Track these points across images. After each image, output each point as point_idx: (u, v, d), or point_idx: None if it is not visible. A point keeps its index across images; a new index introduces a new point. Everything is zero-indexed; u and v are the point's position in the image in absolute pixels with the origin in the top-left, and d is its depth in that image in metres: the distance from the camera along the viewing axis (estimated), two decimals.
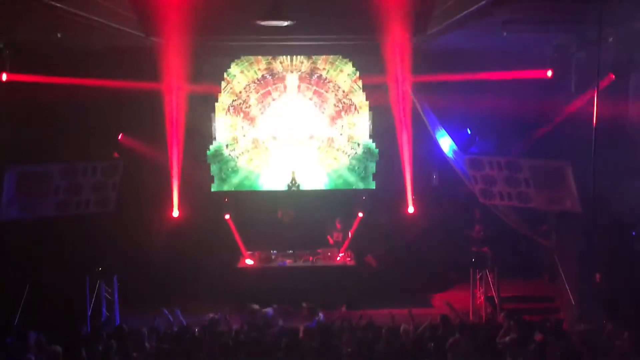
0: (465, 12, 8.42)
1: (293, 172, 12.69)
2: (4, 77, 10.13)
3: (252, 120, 12.74)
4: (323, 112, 12.76)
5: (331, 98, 12.72)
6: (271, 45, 11.71)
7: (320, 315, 9.19)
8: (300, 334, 8.24)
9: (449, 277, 12.14)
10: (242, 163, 12.83)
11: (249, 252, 11.70)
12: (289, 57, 12.58)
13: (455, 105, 11.21)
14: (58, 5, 7.76)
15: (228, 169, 12.82)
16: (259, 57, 12.56)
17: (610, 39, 9.28)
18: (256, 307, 9.19)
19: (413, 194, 11.96)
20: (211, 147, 12.75)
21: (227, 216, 11.74)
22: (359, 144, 12.87)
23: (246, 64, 12.58)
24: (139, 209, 11.57)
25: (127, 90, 11.02)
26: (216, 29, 10.25)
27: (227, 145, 12.77)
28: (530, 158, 10.01)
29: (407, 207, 11.92)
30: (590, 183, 8.22)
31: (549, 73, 10.76)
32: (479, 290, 10.79)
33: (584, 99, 9.72)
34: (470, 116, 11.33)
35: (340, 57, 12.60)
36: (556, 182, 9.52)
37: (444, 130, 11.15)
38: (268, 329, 8.47)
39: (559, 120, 10.67)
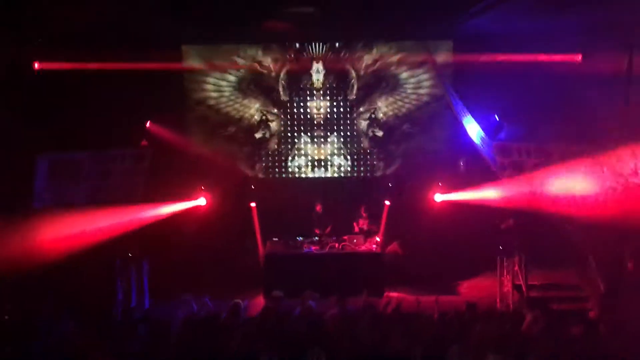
0: None
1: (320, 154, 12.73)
2: (36, 66, 10.36)
3: (282, 105, 12.80)
4: (347, 97, 12.76)
5: (354, 83, 12.68)
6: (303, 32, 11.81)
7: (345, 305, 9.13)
8: (325, 322, 8.26)
9: (476, 265, 12.04)
10: (271, 146, 12.92)
11: (274, 239, 11.77)
12: (314, 45, 12.57)
13: (483, 91, 11.06)
14: None
15: (260, 152, 12.93)
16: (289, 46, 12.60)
17: None
18: (280, 294, 9.23)
19: (440, 180, 11.89)
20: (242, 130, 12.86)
21: (252, 204, 11.82)
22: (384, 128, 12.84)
23: (278, 51, 12.60)
24: (168, 194, 11.72)
25: (155, 79, 11.17)
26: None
27: (257, 130, 12.85)
28: (559, 143, 9.82)
29: (434, 193, 11.85)
30: None
31: (579, 57, 10.52)
32: (506, 277, 10.68)
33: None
34: (499, 101, 11.18)
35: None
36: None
37: (471, 116, 11.02)
38: (294, 316, 8.50)
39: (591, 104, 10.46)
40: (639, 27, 9.03)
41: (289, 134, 12.98)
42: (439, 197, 11.84)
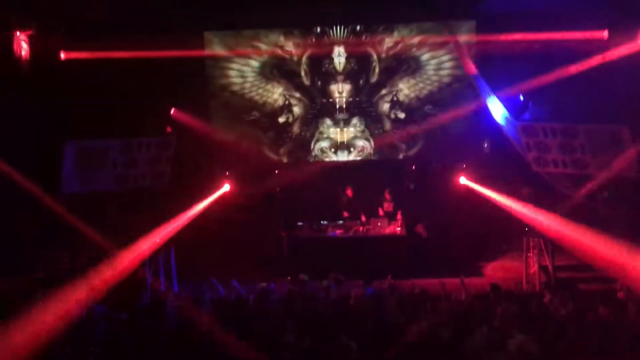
0: None
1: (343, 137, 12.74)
2: (62, 56, 10.52)
3: (304, 90, 12.82)
4: (369, 80, 12.72)
5: (375, 65, 12.64)
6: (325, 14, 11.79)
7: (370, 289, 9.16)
8: (351, 304, 8.33)
9: (501, 246, 11.98)
10: (295, 130, 12.98)
11: (299, 223, 11.85)
12: (335, 28, 12.53)
13: (507, 71, 10.93)
14: None
15: (283, 137, 12.99)
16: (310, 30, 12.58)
17: None
18: (306, 277, 9.30)
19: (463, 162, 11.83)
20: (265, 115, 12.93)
21: (276, 189, 11.91)
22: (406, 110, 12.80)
23: (299, 36, 12.59)
24: (193, 181, 11.86)
25: (178, 66, 11.27)
26: None
27: (281, 114, 12.92)
28: (586, 123, 9.68)
29: (458, 176, 11.79)
30: None
31: (605, 34, 10.31)
32: (532, 258, 10.61)
33: None
34: (523, 81, 11.04)
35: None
36: (614, 147, 9.20)
37: (495, 97, 10.91)
38: (320, 298, 8.59)
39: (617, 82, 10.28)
40: None
41: (312, 118, 13.01)
42: (463, 180, 11.76)
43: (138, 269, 10.14)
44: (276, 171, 12.58)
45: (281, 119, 13.02)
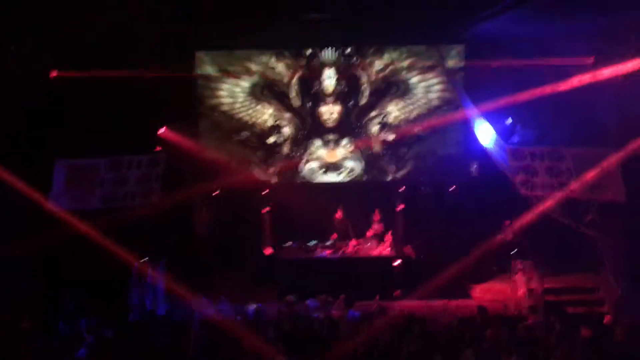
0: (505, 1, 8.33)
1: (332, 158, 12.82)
2: (53, 73, 10.51)
3: (294, 111, 12.90)
4: (359, 102, 12.83)
5: (365, 88, 12.76)
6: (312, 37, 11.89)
7: (351, 311, 9.13)
8: (340, 325, 8.31)
9: (490, 269, 12.01)
10: (285, 150, 13.03)
11: (288, 243, 11.84)
12: (326, 51, 12.63)
13: (495, 95, 11.06)
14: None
15: (273, 157, 13.03)
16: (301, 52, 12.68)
17: None
18: (293, 298, 9.27)
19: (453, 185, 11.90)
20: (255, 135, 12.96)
21: (265, 209, 11.89)
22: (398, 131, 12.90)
23: (290, 58, 12.71)
24: (181, 199, 11.82)
25: (169, 85, 11.30)
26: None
27: (270, 134, 12.96)
28: (572, 147, 9.80)
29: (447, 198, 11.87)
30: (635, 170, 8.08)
31: (591, 60, 10.49)
32: (521, 281, 10.64)
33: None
34: (511, 105, 11.17)
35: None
36: (600, 171, 9.31)
37: (483, 120, 11.02)
38: (309, 320, 8.55)
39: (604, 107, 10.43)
40: None
41: (302, 139, 13.02)
42: (450, 201, 11.83)
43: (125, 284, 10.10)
44: (266, 191, 12.56)
45: (271, 139, 12.99)
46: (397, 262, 11.32)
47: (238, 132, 12.90)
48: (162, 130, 11.75)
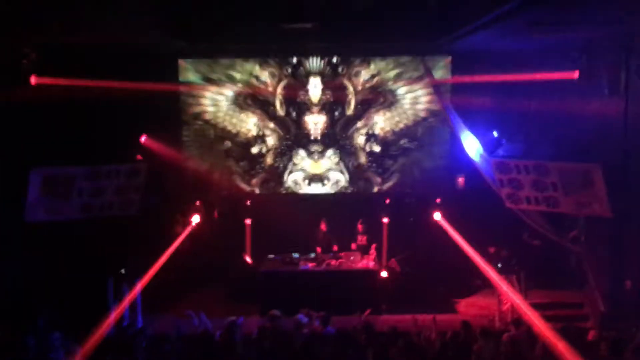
0: (492, 14, 8.29)
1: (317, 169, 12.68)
2: (33, 80, 10.27)
3: (278, 120, 12.73)
4: (345, 113, 12.71)
5: (352, 98, 12.64)
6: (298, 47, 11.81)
7: (329, 328, 8.92)
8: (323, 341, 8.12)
9: (475, 283, 11.93)
10: (268, 161, 12.85)
11: (270, 256, 11.66)
12: (312, 60, 12.53)
13: (481, 107, 11.04)
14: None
15: (256, 167, 12.84)
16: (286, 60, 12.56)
17: None
18: (278, 313, 9.07)
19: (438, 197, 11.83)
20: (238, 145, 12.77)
21: (247, 221, 11.74)
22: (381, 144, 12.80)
23: (275, 66, 12.55)
24: (162, 211, 11.63)
25: (150, 93, 11.11)
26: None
27: (254, 144, 12.78)
28: (558, 161, 9.77)
29: (432, 211, 11.76)
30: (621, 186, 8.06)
31: (576, 75, 10.51)
32: (505, 295, 10.56)
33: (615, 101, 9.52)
34: (497, 118, 11.16)
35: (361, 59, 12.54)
36: (585, 186, 9.28)
37: (469, 133, 10.97)
38: (293, 335, 8.36)
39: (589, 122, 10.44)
40: (635, 45, 9.05)
41: (286, 149, 12.90)
42: (437, 215, 11.74)
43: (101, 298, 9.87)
44: (248, 202, 12.39)
45: (254, 149, 12.87)
46: (384, 274, 11.20)
47: (221, 142, 12.77)
48: (143, 139, 11.53)
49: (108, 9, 8.33)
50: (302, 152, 12.89)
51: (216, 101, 12.66)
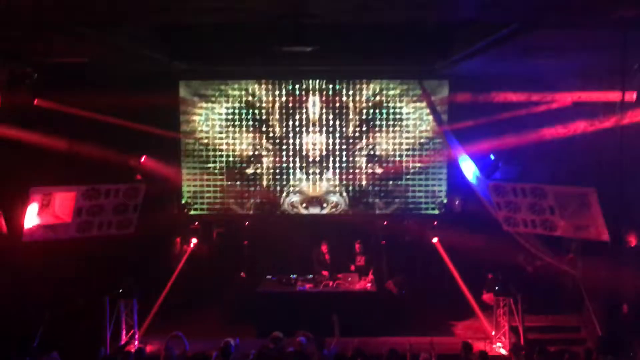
0: (488, 39, 8.42)
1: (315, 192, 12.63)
2: (35, 102, 10.35)
3: (276, 139, 12.71)
4: (344, 133, 12.69)
5: (352, 117, 12.63)
6: (293, 70, 11.88)
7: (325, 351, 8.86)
8: None
9: (472, 305, 11.87)
10: (264, 182, 12.79)
11: (268, 277, 11.64)
12: (310, 80, 12.57)
13: (479, 131, 11.13)
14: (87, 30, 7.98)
15: (251, 189, 12.79)
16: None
17: (636, 66, 9.14)
18: (280, 334, 9.00)
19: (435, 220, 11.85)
20: (234, 166, 12.74)
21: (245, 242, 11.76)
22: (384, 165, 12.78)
23: (271, 86, 12.57)
24: (159, 231, 11.63)
25: (149, 111, 11.21)
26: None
27: (249, 165, 12.74)
28: (555, 184, 9.83)
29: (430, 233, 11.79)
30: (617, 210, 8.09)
31: (569, 99, 10.64)
32: (502, 319, 10.54)
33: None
34: (494, 141, 11.24)
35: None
36: (581, 210, 9.32)
37: (466, 156, 11.05)
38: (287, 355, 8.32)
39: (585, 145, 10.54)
40: (630, 70, 9.15)
41: (283, 170, 12.82)
42: (435, 238, 11.75)
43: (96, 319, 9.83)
44: (246, 223, 12.39)
45: (249, 170, 12.78)
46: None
47: (217, 162, 12.70)
48: (142, 159, 11.59)
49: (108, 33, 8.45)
50: (299, 174, 12.78)
51: (211, 119, 12.55)
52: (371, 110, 12.61)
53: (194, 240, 11.84)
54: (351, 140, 12.68)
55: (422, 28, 9.86)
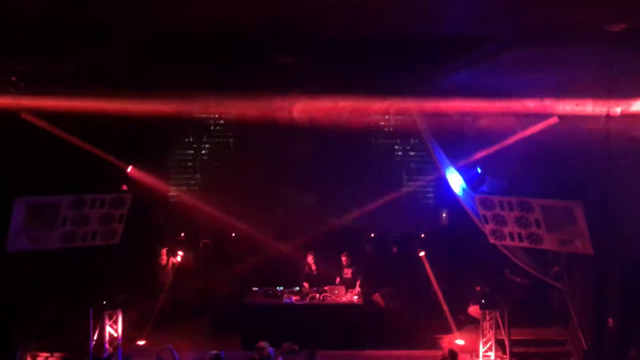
0: (477, 53, 8.48)
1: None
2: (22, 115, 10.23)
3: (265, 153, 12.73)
4: None
5: None
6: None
7: None
8: None
9: (458, 318, 11.89)
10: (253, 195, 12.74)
11: (254, 289, 11.55)
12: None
13: (466, 144, 11.18)
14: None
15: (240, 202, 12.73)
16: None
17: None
18: (267, 344, 8.94)
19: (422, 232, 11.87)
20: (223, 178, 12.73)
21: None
22: None
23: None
24: (145, 242, 11.53)
25: (137, 122, 11.10)
26: None
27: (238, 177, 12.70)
28: (541, 197, 9.88)
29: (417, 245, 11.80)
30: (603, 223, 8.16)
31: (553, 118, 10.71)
32: (489, 332, 10.54)
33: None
34: (481, 154, 11.28)
35: None
36: (567, 223, 9.38)
37: (453, 168, 11.08)
38: None
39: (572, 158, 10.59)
40: (616, 85, 9.26)
41: (272, 183, 12.81)
42: (422, 252, 11.75)
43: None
44: (232, 234, 12.32)
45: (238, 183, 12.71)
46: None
47: (205, 175, 12.67)
48: (129, 169, 11.49)
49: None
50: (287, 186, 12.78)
51: (200, 133, 12.56)
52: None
53: (180, 253, 11.72)
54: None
55: (410, 42, 9.89)
